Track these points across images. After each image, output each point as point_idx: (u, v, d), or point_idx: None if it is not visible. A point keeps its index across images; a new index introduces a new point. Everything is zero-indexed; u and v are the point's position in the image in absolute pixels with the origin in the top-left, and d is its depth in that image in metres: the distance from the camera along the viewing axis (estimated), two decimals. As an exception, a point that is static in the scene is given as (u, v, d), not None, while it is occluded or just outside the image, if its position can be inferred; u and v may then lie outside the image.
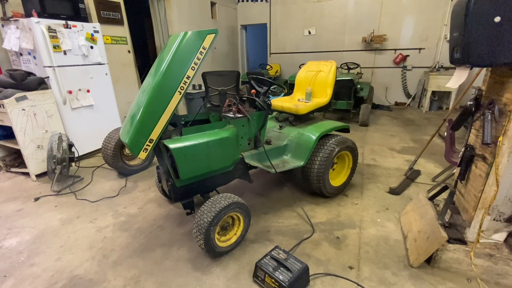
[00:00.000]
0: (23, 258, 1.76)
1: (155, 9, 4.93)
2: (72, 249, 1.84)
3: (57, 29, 2.87)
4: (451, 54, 1.36)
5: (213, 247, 1.63)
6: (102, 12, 3.79)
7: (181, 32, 1.56)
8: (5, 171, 3.03)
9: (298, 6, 6.57)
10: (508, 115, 1.30)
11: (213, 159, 1.74)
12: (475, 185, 1.53)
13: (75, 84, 3.12)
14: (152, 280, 1.58)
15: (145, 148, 1.55)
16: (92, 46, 3.23)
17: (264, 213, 2.20)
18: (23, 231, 2.04)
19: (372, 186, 2.60)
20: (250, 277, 1.57)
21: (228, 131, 1.78)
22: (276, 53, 7.23)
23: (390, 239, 1.87)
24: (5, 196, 2.53)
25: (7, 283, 1.58)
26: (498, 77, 1.42)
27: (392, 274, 1.58)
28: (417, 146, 3.66)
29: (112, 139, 2.68)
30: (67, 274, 1.63)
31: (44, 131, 2.83)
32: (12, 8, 2.97)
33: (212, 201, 1.65)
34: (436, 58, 5.70)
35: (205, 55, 1.58)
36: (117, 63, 4.10)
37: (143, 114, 1.51)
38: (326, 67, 2.50)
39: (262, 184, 2.70)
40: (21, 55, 3.01)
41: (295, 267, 1.45)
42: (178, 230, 2.02)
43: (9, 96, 2.55)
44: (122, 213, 2.24)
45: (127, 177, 2.86)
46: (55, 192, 2.57)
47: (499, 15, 1.12)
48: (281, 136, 2.33)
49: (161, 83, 1.52)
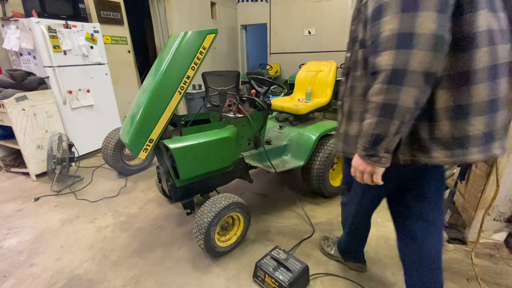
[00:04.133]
0: (23, 258, 1.76)
1: (155, 9, 4.93)
2: (72, 249, 1.84)
3: (57, 29, 2.87)
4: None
5: (213, 247, 1.63)
6: (102, 12, 3.79)
7: (181, 32, 1.56)
8: (5, 171, 3.03)
9: (298, 6, 6.57)
10: (508, 115, 1.30)
11: (213, 159, 1.74)
12: (475, 185, 1.53)
13: (75, 84, 3.12)
14: (152, 280, 1.58)
15: (145, 148, 1.55)
16: (92, 46, 3.23)
17: (264, 213, 2.20)
18: (23, 231, 2.04)
19: (372, 186, 2.60)
20: (250, 277, 1.57)
21: (228, 131, 1.78)
22: (276, 53, 7.23)
23: (390, 239, 1.87)
24: (5, 196, 2.53)
25: (7, 283, 1.58)
26: (498, 77, 1.42)
27: (392, 274, 1.58)
28: (417, 146, 3.65)
29: (112, 139, 2.68)
30: (67, 274, 1.63)
31: (44, 131, 2.83)
32: (12, 8, 2.97)
33: (212, 201, 1.65)
34: (436, 58, 5.70)
35: (205, 55, 1.58)
36: (117, 63, 4.10)
37: (143, 114, 1.51)
38: (326, 67, 2.50)
39: (262, 184, 2.70)
40: (21, 55, 3.01)
41: (295, 267, 1.45)
42: (178, 230, 2.02)
43: (9, 96, 2.55)
44: (122, 213, 2.24)
45: (127, 177, 2.86)
46: (55, 192, 2.57)
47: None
48: (281, 136, 2.33)
49: (161, 83, 1.52)
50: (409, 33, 0.69)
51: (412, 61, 0.69)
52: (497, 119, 0.79)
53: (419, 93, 0.72)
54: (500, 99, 0.78)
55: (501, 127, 0.81)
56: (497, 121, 0.80)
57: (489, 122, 0.79)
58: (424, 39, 0.68)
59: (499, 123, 0.80)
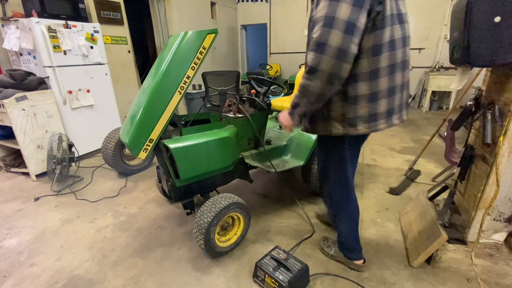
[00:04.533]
0: (23, 258, 1.76)
1: (155, 9, 4.93)
2: (72, 249, 1.84)
3: (57, 29, 2.87)
4: (451, 54, 1.36)
5: (213, 247, 1.63)
6: (102, 12, 3.79)
7: (181, 32, 1.56)
8: (5, 171, 3.03)
9: (298, 6, 6.57)
10: (508, 115, 1.30)
11: (213, 159, 1.74)
12: (475, 185, 1.53)
13: (75, 84, 3.12)
14: (152, 280, 1.58)
15: (145, 148, 1.55)
16: (92, 46, 3.23)
17: (264, 213, 2.20)
18: (23, 231, 2.04)
19: (372, 186, 2.60)
20: (250, 277, 1.57)
21: (228, 131, 1.78)
22: (276, 53, 7.23)
23: (390, 239, 1.87)
24: (5, 196, 2.53)
25: (7, 283, 1.58)
26: (498, 77, 1.43)
27: (392, 274, 1.58)
28: (417, 146, 3.66)
29: (112, 139, 2.68)
30: (67, 274, 1.63)
31: (44, 131, 2.83)
32: (12, 8, 2.97)
33: (212, 201, 1.65)
34: (436, 58, 5.70)
35: (205, 55, 1.58)
36: (117, 63, 4.10)
37: (143, 114, 1.51)
38: (326, 67, 2.49)
39: (262, 184, 2.70)
40: (21, 55, 3.01)
41: (295, 267, 1.45)
42: (178, 230, 2.02)
43: (9, 96, 2.55)
44: (122, 213, 2.24)
45: (127, 177, 2.86)
46: (55, 192, 2.57)
47: (499, 15, 1.12)
48: (281, 136, 2.33)
49: (161, 83, 1.52)
50: (332, 16, 0.94)
51: (331, 37, 0.94)
52: (395, 100, 1.17)
53: (326, 82, 1.02)
54: (396, 87, 1.15)
55: (398, 105, 1.19)
56: (394, 101, 1.17)
57: (389, 102, 1.16)
58: (341, 22, 0.93)
59: (396, 102, 1.18)
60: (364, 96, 1.12)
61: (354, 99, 1.13)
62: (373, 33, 1.03)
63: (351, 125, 1.17)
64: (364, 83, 1.10)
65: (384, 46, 1.06)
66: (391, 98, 1.16)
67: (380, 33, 1.04)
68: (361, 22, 0.96)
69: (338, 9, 0.93)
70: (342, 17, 0.92)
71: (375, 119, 1.16)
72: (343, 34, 0.93)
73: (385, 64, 1.09)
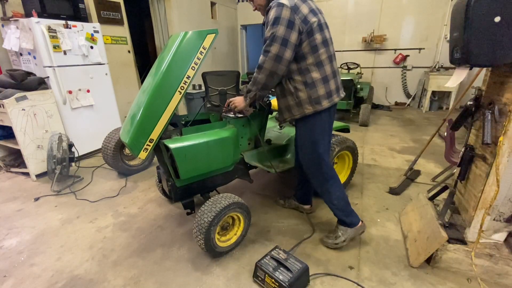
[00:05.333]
0: (23, 258, 1.76)
1: (155, 9, 4.93)
2: (72, 249, 1.84)
3: (57, 29, 2.87)
4: (451, 54, 1.36)
5: (213, 247, 1.63)
6: (102, 12, 3.79)
7: (181, 32, 1.56)
8: (5, 171, 3.03)
9: (298, 6, 6.55)
10: (508, 115, 1.30)
11: (213, 159, 1.74)
12: (475, 185, 1.53)
13: (75, 84, 3.13)
14: (152, 280, 1.58)
15: (145, 148, 1.55)
16: (92, 46, 3.23)
17: (264, 213, 2.20)
18: (23, 231, 2.04)
19: (372, 186, 2.60)
20: (250, 277, 1.57)
21: (228, 131, 1.78)
22: (276, 53, 7.22)
23: (390, 239, 1.87)
24: (5, 196, 2.53)
25: (7, 283, 1.58)
26: (498, 77, 1.43)
27: (392, 274, 1.58)
28: (417, 146, 3.66)
29: (112, 139, 2.68)
30: (67, 274, 1.63)
31: (44, 131, 2.83)
32: (12, 8, 2.97)
33: (213, 201, 1.65)
34: (436, 58, 5.70)
35: (205, 55, 1.58)
36: (117, 63, 4.10)
37: (143, 114, 1.51)
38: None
39: (262, 184, 2.70)
40: (21, 55, 3.01)
41: (295, 267, 1.45)
42: (178, 230, 2.02)
43: (9, 96, 2.55)
44: (122, 213, 2.24)
45: (127, 177, 2.86)
46: (55, 192, 2.57)
47: (499, 15, 1.12)
48: (281, 136, 2.33)
49: (161, 83, 1.52)
50: (274, 34, 1.39)
51: (272, 47, 1.41)
52: (337, 80, 1.63)
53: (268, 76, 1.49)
54: (335, 71, 1.60)
55: (340, 83, 1.65)
56: (337, 81, 1.63)
57: (335, 81, 1.60)
58: (279, 38, 1.39)
59: (338, 82, 1.64)
60: (318, 80, 1.53)
61: (313, 84, 1.53)
62: (311, 38, 1.46)
63: (317, 103, 1.55)
64: (316, 72, 1.52)
65: (319, 45, 1.49)
66: (335, 79, 1.60)
67: (314, 38, 1.47)
68: (292, 38, 1.40)
69: (277, 30, 1.38)
70: (279, 35, 1.38)
71: (331, 95, 1.57)
72: (279, 45, 1.39)
73: (324, 57, 1.52)
